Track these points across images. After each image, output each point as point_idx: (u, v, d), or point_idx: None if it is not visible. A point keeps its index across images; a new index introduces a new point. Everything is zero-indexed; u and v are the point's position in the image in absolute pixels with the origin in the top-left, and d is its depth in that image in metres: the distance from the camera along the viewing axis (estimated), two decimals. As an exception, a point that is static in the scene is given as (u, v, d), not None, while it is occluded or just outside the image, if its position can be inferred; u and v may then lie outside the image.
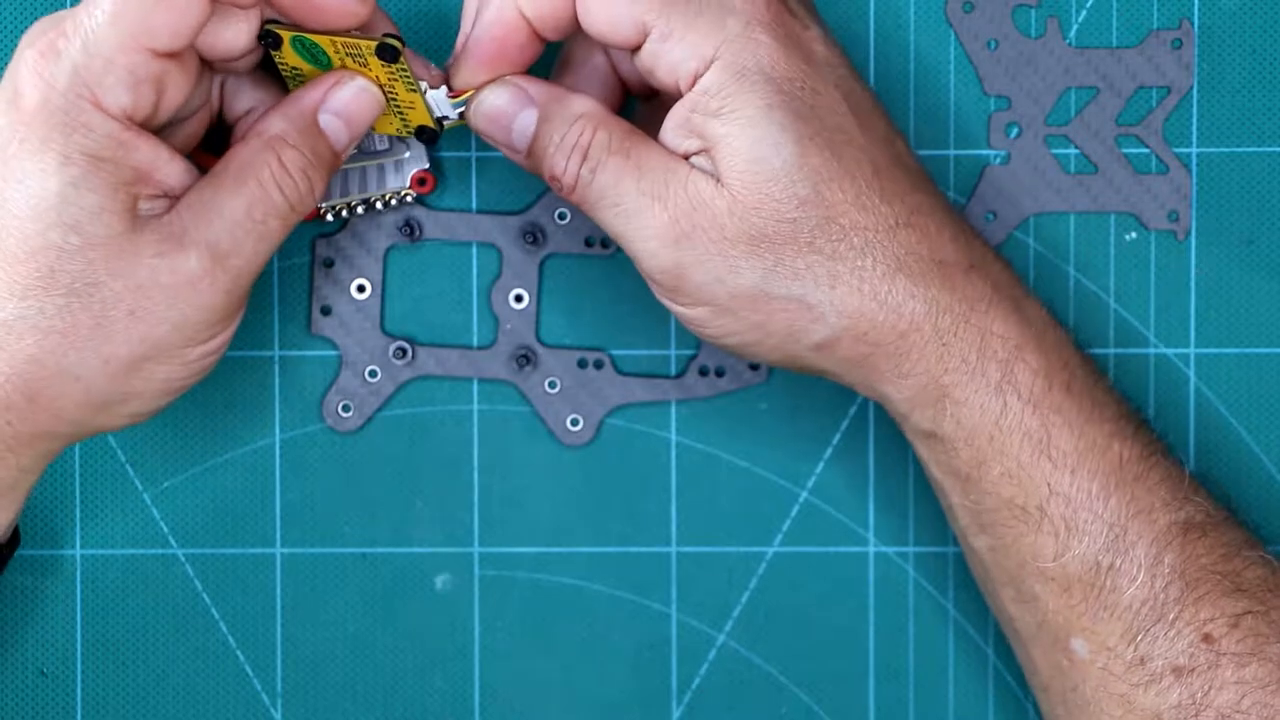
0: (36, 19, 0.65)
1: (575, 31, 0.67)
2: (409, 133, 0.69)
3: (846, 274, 0.65)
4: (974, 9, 0.74)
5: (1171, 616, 0.66)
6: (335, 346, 0.74)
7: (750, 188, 0.65)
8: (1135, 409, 0.69)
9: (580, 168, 0.66)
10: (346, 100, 0.67)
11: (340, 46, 0.66)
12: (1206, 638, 0.66)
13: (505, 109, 0.67)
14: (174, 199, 0.65)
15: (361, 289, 0.74)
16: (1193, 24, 0.73)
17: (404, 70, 0.66)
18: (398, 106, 0.68)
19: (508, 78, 0.67)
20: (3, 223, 0.63)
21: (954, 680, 0.74)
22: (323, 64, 0.67)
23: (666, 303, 0.67)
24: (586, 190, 0.66)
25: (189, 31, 0.63)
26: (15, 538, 0.69)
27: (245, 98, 0.69)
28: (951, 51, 0.74)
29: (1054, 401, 0.67)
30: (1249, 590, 0.66)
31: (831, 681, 0.75)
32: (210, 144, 0.70)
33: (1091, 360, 0.69)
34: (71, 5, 0.72)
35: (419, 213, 0.74)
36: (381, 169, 0.72)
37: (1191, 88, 0.74)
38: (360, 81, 0.67)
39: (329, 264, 0.74)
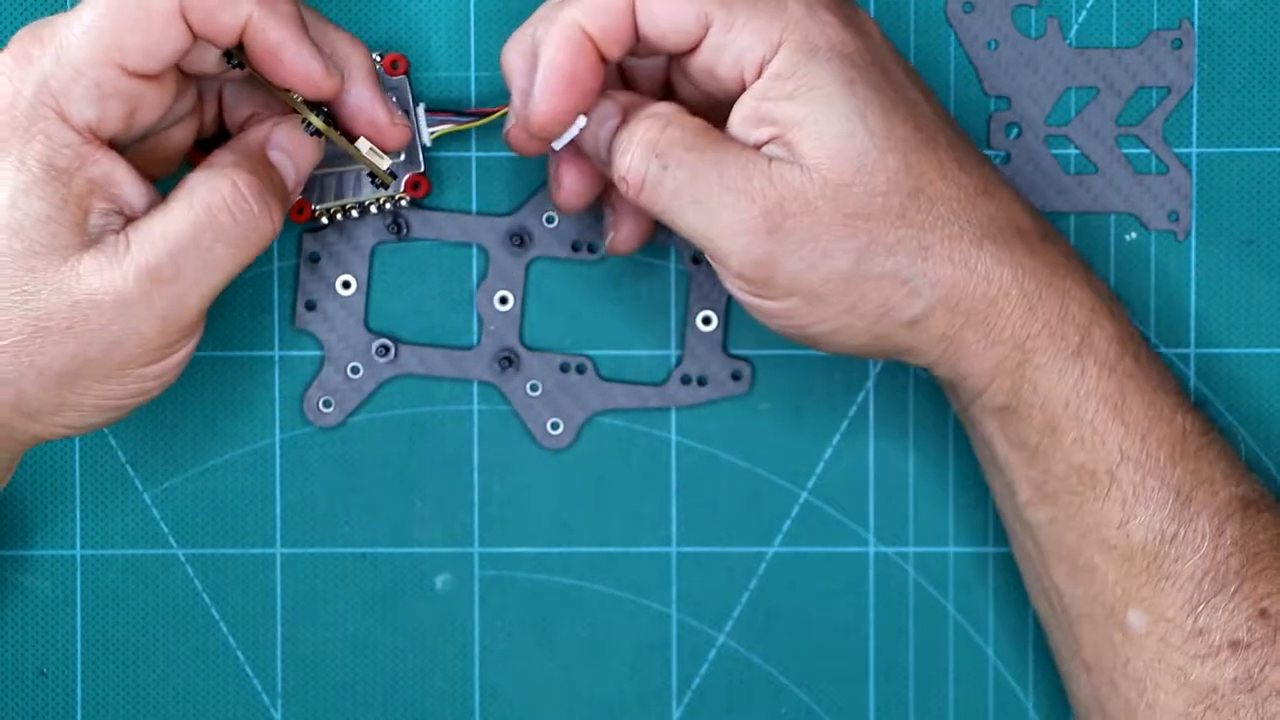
0: (31, 21, 0.65)
1: (631, 50, 0.67)
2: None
3: (937, 244, 0.65)
4: (974, 9, 0.73)
5: (1232, 589, 0.66)
6: (318, 341, 0.74)
7: (841, 164, 0.64)
8: None
9: (648, 165, 0.65)
10: (287, 137, 0.67)
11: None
12: (1263, 613, 0.66)
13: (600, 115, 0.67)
14: (130, 219, 0.64)
15: (347, 285, 0.74)
16: (1193, 24, 0.73)
17: (337, 138, 0.67)
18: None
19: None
20: None
21: (954, 680, 0.74)
22: None
23: (750, 300, 0.66)
24: (658, 190, 0.65)
25: (164, 56, 0.63)
26: None
27: (245, 104, 0.69)
28: (951, 51, 0.74)
29: (1127, 368, 0.67)
30: None
31: (831, 681, 0.75)
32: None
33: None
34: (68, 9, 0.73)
35: (407, 211, 0.74)
36: (379, 171, 0.72)
37: (1191, 88, 0.73)
38: (297, 121, 0.67)
39: (315, 259, 0.74)
